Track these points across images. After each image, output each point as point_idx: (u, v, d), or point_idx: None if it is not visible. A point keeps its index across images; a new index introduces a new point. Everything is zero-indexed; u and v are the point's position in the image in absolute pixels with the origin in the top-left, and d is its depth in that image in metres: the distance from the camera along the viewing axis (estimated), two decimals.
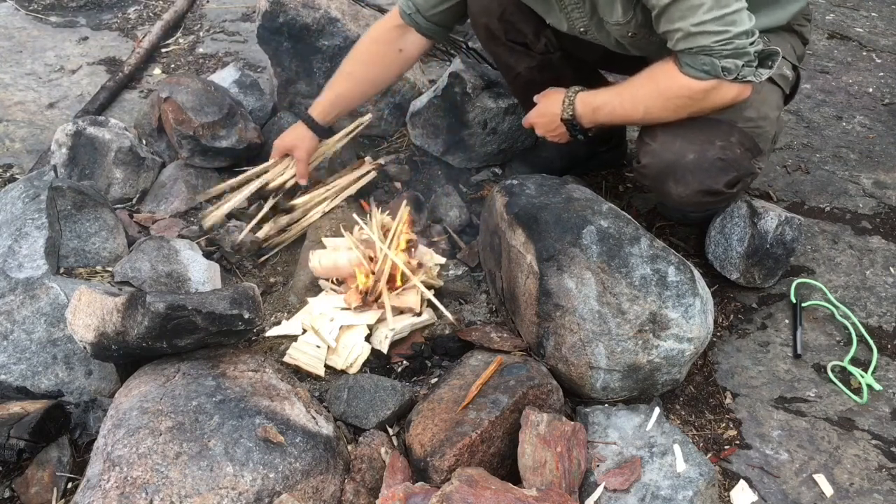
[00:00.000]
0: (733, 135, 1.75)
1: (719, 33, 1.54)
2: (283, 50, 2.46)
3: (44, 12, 3.41)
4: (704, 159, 1.73)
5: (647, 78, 1.72)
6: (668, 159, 1.75)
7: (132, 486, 1.31)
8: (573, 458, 1.46)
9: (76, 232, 2.00)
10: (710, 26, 1.54)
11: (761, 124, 1.79)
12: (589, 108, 1.81)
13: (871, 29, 3.44)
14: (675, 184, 1.77)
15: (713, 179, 1.75)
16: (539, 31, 2.00)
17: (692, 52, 1.58)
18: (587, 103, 1.81)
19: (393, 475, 1.46)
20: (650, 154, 1.78)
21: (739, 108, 1.73)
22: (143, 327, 1.47)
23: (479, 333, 1.79)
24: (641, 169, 1.83)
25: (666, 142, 1.75)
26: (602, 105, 1.80)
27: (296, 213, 2.16)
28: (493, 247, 1.91)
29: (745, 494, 1.57)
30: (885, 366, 1.85)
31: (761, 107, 1.79)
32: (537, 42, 2.02)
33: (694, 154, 1.73)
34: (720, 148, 1.73)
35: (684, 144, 1.74)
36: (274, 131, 2.47)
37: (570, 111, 1.83)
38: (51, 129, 2.45)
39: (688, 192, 1.77)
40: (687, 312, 1.64)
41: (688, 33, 1.56)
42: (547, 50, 2.04)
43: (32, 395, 1.64)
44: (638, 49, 1.83)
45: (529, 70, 2.07)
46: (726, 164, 1.74)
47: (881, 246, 2.19)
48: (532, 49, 2.04)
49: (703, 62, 1.59)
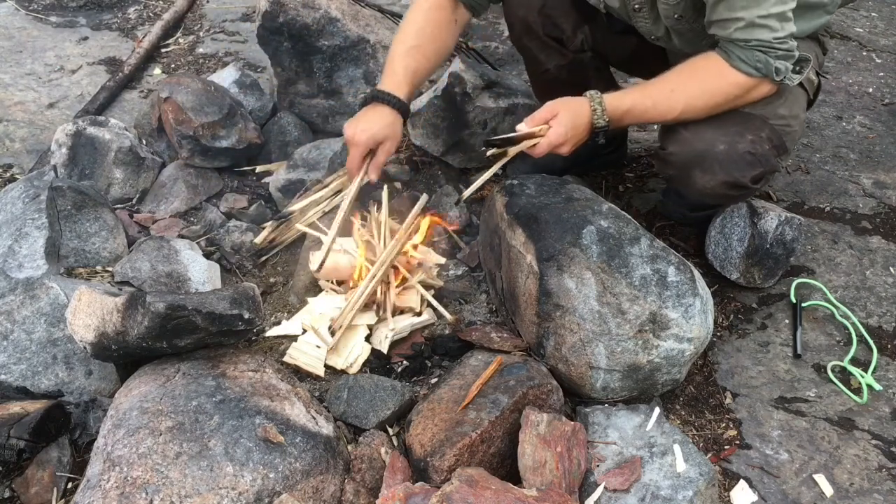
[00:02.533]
0: (764, 130, 1.74)
1: (778, 30, 1.55)
2: (283, 50, 2.46)
3: (44, 12, 3.41)
4: (734, 151, 1.71)
5: (687, 75, 1.69)
6: (698, 148, 1.73)
7: (132, 486, 1.31)
8: (573, 458, 1.46)
9: (76, 232, 2.00)
10: (773, 21, 1.54)
11: (791, 123, 1.79)
12: (618, 113, 1.72)
13: (871, 29, 3.44)
14: (701, 173, 1.75)
15: (741, 172, 1.74)
16: (577, 27, 1.98)
17: (749, 45, 1.57)
18: (616, 107, 1.72)
19: (393, 475, 1.46)
20: (679, 142, 1.76)
21: (773, 104, 1.73)
22: (143, 327, 1.47)
23: (479, 333, 1.79)
24: (668, 156, 1.80)
25: (697, 130, 1.73)
26: (632, 107, 1.72)
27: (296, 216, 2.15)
28: (493, 247, 1.91)
29: (745, 494, 1.57)
30: (885, 366, 1.85)
31: (793, 106, 1.79)
32: (574, 39, 2.00)
33: (725, 145, 1.71)
34: (750, 142, 1.72)
35: (716, 135, 1.72)
36: (274, 131, 2.48)
37: (606, 118, 1.71)
38: (51, 129, 2.45)
39: (713, 183, 1.76)
40: (687, 312, 1.64)
41: (750, 23, 1.54)
42: (581, 48, 2.02)
43: (32, 395, 1.64)
44: (679, 36, 1.80)
45: (559, 68, 2.04)
46: (755, 159, 1.73)
47: (881, 246, 2.19)
48: (567, 46, 2.02)
49: (757, 59, 1.59)
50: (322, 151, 2.32)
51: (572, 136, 1.71)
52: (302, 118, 2.53)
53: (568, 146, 1.72)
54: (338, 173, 2.22)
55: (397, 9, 3.11)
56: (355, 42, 2.45)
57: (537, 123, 1.72)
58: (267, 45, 2.48)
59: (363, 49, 2.46)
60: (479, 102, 2.33)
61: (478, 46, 2.79)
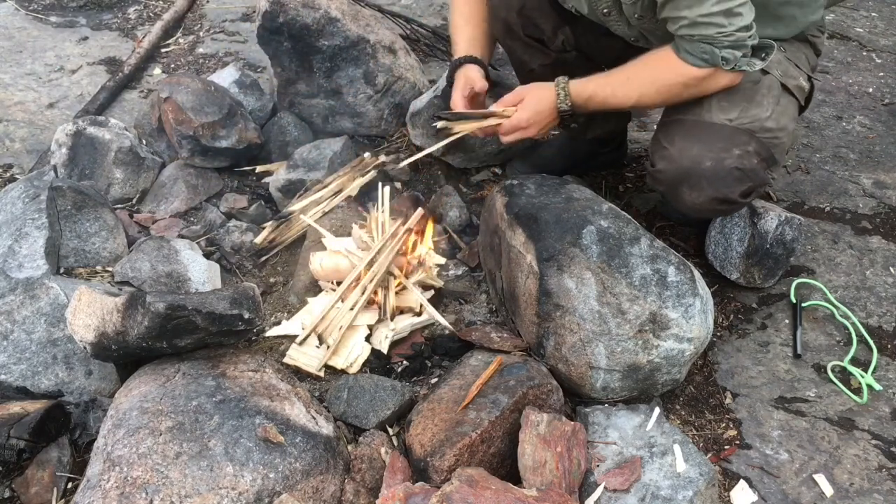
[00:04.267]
0: (751, 144, 1.74)
1: (723, 25, 1.58)
2: (283, 50, 2.46)
3: (44, 12, 3.41)
4: (721, 167, 1.72)
5: (641, 65, 1.74)
6: (684, 165, 1.74)
7: (132, 486, 1.31)
8: (573, 458, 1.46)
9: (76, 232, 2.00)
10: (716, 18, 1.57)
11: (779, 135, 1.78)
12: (582, 98, 1.79)
13: (871, 29, 3.44)
14: (689, 190, 1.76)
15: (729, 188, 1.73)
16: (557, 27, 2.00)
17: (693, 39, 1.61)
18: (579, 93, 1.79)
19: (393, 475, 1.46)
20: (666, 159, 1.77)
21: (760, 118, 1.74)
22: (143, 327, 1.47)
23: (479, 333, 1.79)
24: (656, 174, 1.81)
25: (683, 147, 1.74)
26: (594, 93, 1.79)
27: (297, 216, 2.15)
28: (493, 247, 1.91)
29: (745, 494, 1.57)
30: (885, 366, 1.85)
31: (781, 118, 1.78)
32: (555, 39, 2.01)
33: (711, 161, 1.72)
34: (737, 157, 1.72)
35: (702, 151, 1.72)
36: (274, 131, 2.48)
37: (568, 102, 1.79)
38: (51, 129, 2.45)
39: (701, 200, 1.76)
40: (687, 312, 1.64)
41: (693, 22, 1.58)
42: (563, 48, 2.03)
43: (32, 395, 1.64)
44: (653, 37, 1.82)
45: (543, 67, 2.06)
46: (742, 174, 1.73)
47: (881, 246, 2.19)
48: (548, 46, 2.03)
49: (703, 50, 1.62)
50: (322, 151, 2.32)
51: (537, 120, 1.82)
52: (302, 118, 2.53)
53: (533, 129, 1.83)
54: (338, 173, 2.22)
55: (397, 9, 3.12)
56: (355, 42, 2.45)
57: (505, 105, 1.84)
58: (267, 45, 2.48)
59: (363, 49, 2.46)
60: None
61: None
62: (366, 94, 2.49)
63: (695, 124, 1.75)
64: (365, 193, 2.27)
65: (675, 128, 1.78)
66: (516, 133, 1.84)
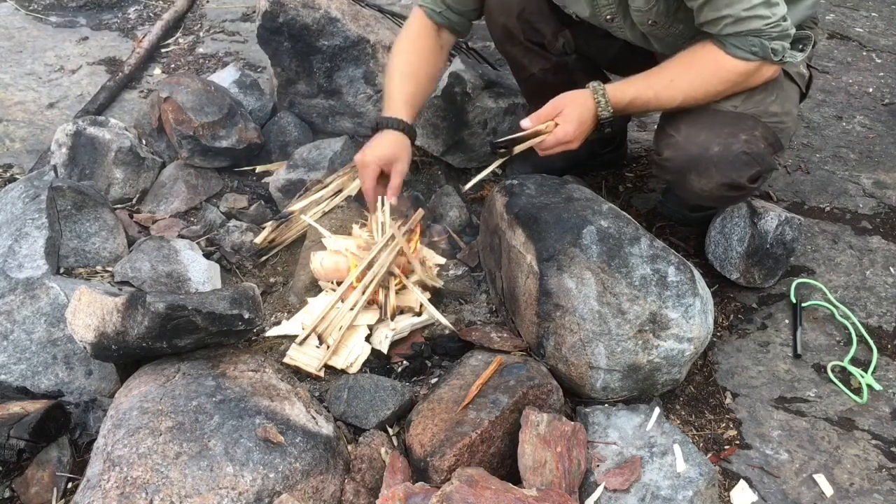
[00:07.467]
0: (758, 129, 1.74)
1: (767, 17, 1.57)
2: (283, 50, 2.46)
3: (44, 12, 3.41)
4: (729, 152, 1.72)
5: (684, 66, 1.71)
6: (692, 152, 1.74)
7: (132, 486, 1.31)
8: (573, 458, 1.46)
9: (76, 232, 2.00)
10: (759, 10, 1.56)
11: (784, 119, 1.79)
12: (623, 103, 1.73)
13: (871, 29, 3.44)
14: (697, 177, 1.76)
15: (737, 173, 1.74)
16: (557, 31, 1.99)
17: (741, 34, 1.60)
18: (619, 99, 1.72)
19: (393, 475, 1.46)
20: (673, 147, 1.77)
21: (765, 102, 1.73)
22: (143, 327, 1.47)
23: (479, 333, 1.78)
24: (663, 162, 1.81)
25: (690, 134, 1.74)
26: (635, 97, 1.73)
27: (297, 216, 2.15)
28: (493, 247, 1.91)
29: (745, 494, 1.57)
30: (885, 366, 1.85)
31: (784, 102, 1.79)
32: (555, 43, 2.01)
33: (719, 147, 1.72)
34: (745, 142, 1.72)
35: (709, 137, 1.72)
36: (274, 131, 2.48)
37: (610, 109, 1.71)
38: (51, 129, 2.45)
39: (710, 186, 1.76)
40: (687, 312, 1.64)
41: (738, 18, 1.57)
42: (564, 52, 2.03)
43: (32, 395, 1.64)
44: (657, 40, 1.82)
45: (544, 72, 2.05)
46: (750, 158, 1.73)
47: (881, 246, 2.19)
48: (549, 50, 2.03)
49: (752, 44, 1.61)
50: (322, 151, 2.32)
51: (581, 131, 1.73)
52: (302, 118, 2.53)
53: (577, 142, 1.74)
54: (338, 173, 2.22)
55: (397, 9, 3.11)
56: (355, 42, 2.45)
57: (542, 121, 1.73)
58: (267, 45, 2.48)
59: (363, 49, 2.46)
60: (479, 102, 2.33)
61: (478, 46, 2.79)
62: (366, 94, 2.49)
63: (700, 111, 1.74)
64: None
65: (680, 116, 1.77)
66: (559, 147, 1.74)
